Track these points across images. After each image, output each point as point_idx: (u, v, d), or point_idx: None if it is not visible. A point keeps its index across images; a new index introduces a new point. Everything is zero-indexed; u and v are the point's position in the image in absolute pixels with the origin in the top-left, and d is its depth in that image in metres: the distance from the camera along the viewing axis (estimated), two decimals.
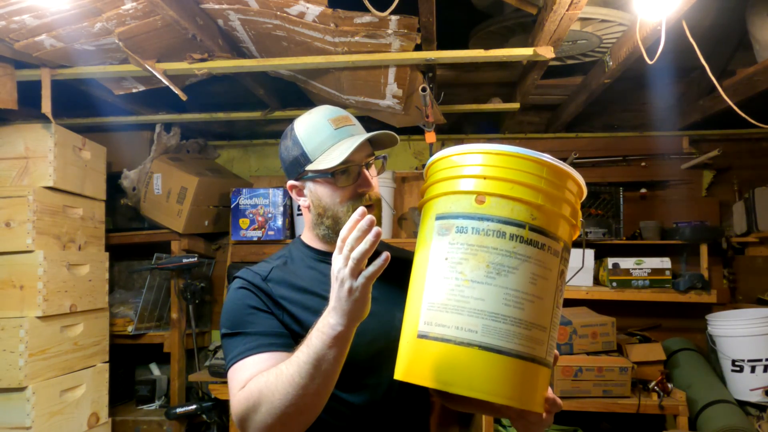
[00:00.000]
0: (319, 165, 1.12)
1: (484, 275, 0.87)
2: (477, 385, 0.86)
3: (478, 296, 0.87)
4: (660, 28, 1.75)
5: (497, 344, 0.86)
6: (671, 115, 3.07)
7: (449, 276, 0.89)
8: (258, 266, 1.17)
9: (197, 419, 2.94)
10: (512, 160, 0.92)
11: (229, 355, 1.06)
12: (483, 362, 0.86)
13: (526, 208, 0.91)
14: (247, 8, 1.87)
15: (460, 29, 2.46)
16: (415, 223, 3.09)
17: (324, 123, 1.15)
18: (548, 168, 0.93)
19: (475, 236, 0.89)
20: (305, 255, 1.21)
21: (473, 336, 0.86)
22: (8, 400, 2.15)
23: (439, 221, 0.94)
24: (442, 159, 0.99)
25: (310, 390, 0.90)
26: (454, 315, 0.87)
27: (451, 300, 0.88)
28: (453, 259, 0.89)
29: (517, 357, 0.87)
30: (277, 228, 2.94)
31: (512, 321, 0.87)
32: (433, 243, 0.93)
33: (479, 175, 0.93)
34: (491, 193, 0.91)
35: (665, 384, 2.47)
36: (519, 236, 0.89)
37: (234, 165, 3.55)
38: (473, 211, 0.91)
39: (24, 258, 2.24)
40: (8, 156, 2.34)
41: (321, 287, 1.12)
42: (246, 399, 0.96)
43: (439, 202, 0.96)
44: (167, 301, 3.18)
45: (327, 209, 1.15)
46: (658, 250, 2.96)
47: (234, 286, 1.13)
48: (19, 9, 1.77)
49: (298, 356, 0.91)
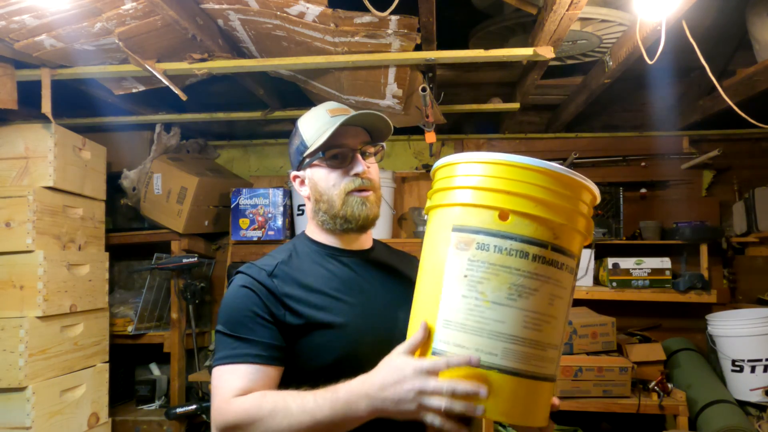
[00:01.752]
0: (312, 148, 1.17)
1: (505, 297, 0.85)
2: (494, 407, 0.85)
3: (499, 318, 0.85)
4: (660, 28, 1.75)
5: (516, 367, 0.85)
6: (671, 115, 3.07)
7: (468, 295, 0.86)
8: (263, 261, 1.16)
9: (197, 419, 2.94)
10: (537, 176, 0.88)
11: (220, 352, 1.06)
12: (502, 385, 0.85)
13: (550, 227, 0.88)
14: (247, 8, 1.87)
15: (460, 29, 2.45)
16: (416, 224, 3.09)
17: (322, 112, 1.20)
18: (571, 184, 0.91)
19: (497, 255, 0.86)
20: (311, 250, 1.21)
21: (493, 359, 0.84)
22: (8, 400, 2.15)
23: (456, 233, 0.89)
24: (460, 164, 0.94)
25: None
26: (474, 336, 0.85)
27: (469, 320, 0.85)
28: (473, 278, 0.86)
29: (532, 378, 0.87)
30: (277, 228, 2.94)
31: (530, 343, 0.86)
32: (449, 257, 0.89)
33: (502, 189, 0.88)
34: (515, 210, 0.87)
35: (665, 384, 2.47)
36: (541, 257, 0.87)
37: (234, 165, 3.55)
38: (496, 228, 0.87)
39: (24, 258, 2.24)
40: (8, 156, 2.34)
41: (327, 285, 1.13)
42: (245, 413, 0.95)
43: (456, 212, 0.91)
44: (167, 301, 3.18)
45: (322, 193, 1.18)
46: (658, 250, 2.96)
47: (237, 282, 1.11)
48: (19, 9, 1.77)
49: (314, 411, 0.91)
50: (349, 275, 1.17)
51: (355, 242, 1.23)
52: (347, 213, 1.15)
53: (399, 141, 3.40)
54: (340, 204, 1.16)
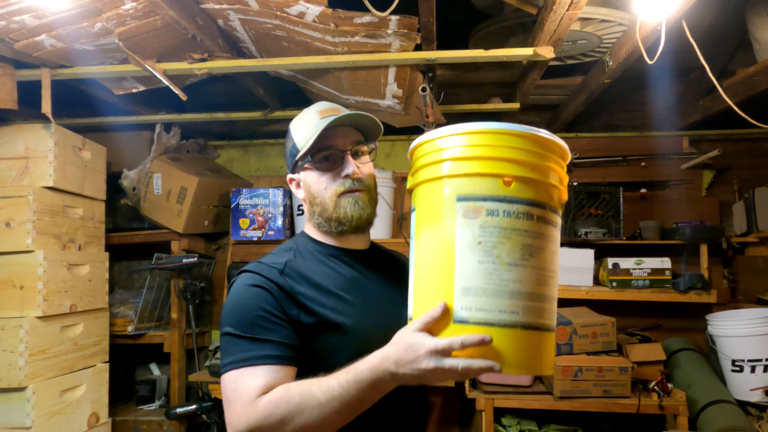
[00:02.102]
0: (302, 151, 1.17)
1: (519, 258, 0.90)
2: (523, 362, 0.90)
3: (516, 279, 0.90)
4: (660, 28, 1.75)
5: (536, 322, 0.91)
6: (671, 115, 3.07)
7: (485, 260, 0.89)
8: (270, 259, 1.14)
9: (197, 419, 2.94)
10: (530, 143, 0.94)
11: (233, 355, 1.02)
12: (526, 340, 0.90)
13: (546, 189, 0.95)
14: (247, 8, 1.87)
15: (460, 29, 2.45)
16: None
17: (312, 113, 1.20)
18: (555, 147, 0.97)
19: (507, 219, 0.90)
20: (314, 249, 1.20)
21: (516, 317, 0.89)
22: (8, 400, 2.15)
23: (462, 203, 0.92)
24: (453, 136, 0.96)
25: (338, 422, 0.94)
26: (495, 298, 0.89)
27: (490, 284, 0.89)
28: (487, 243, 0.90)
29: (546, 330, 0.94)
30: (277, 228, 2.94)
31: (542, 298, 0.93)
32: (458, 226, 0.91)
33: (504, 157, 0.92)
34: (517, 176, 0.92)
35: (665, 384, 2.47)
36: (542, 217, 0.93)
37: (234, 165, 3.56)
38: (503, 194, 0.91)
39: (24, 258, 2.24)
40: (8, 156, 2.34)
41: (335, 284, 1.13)
42: (274, 409, 0.93)
43: (458, 182, 0.93)
44: (167, 301, 3.18)
45: (315, 196, 1.18)
46: (658, 250, 2.96)
47: (246, 281, 1.08)
48: (19, 9, 1.77)
49: (342, 394, 0.92)
50: (354, 275, 1.17)
51: (355, 243, 1.23)
52: (340, 215, 1.15)
53: (399, 141, 3.40)
54: (333, 206, 1.15)
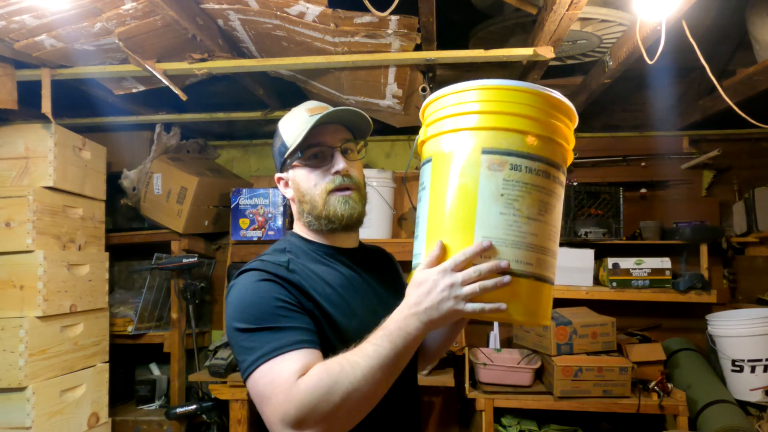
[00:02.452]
0: (291, 148, 1.16)
1: (537, 213, 0.95)
2: (530, 311, 0.95)
3: (533, 232, 0.94)
4: (660, 28, 1.75)
5: (545, 274, 0.97)
6: (671, 115, 3.07)
7: (506, 212, 0.93)
8: (270, 257, 1.12)
9: (197, 419, 2.94)
10: (551, 103, 0.98)
11: (259, 351, 0.96)
12: (537, 291, 0.96)
13: (560, 150, 1.00)
14: (247, 8, 1.87)
15: (460, 29, 2.45)
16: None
17: (301, 111, 1.19)
18: (568, 111, 1.02)
19: (528, 175, 0.94)
20: (307, 248, 1.18)
21: (530, 268, 0.94)
22: (8, 400, 2.15)
23: (487, 155, 0.94)
24: (479, 89, 0.97)
25: (383, 381, 0.92)
26: (514, 249, 0.93)
27: (510, 235, 0.93)
28: (510, 196, 0.93)
29: (550, 283, 0.99)
30: (277, 228, 2.94)
31: (552, 253, 0.99)
32: (482, 177, 0.94)
33: (529, 115, 0.96)
34: (541, 134, 0.96)
35: (665, 384, 2.47)
36: (556, 177, 0.99)
37: (234, 165, 3.56)
38: (527, 150, 0.95)
39: (24, 258, 2.24)
40: (8, 156, 2.34)
41: (337, 282, 1.13)
42: (317, 383, 0.89)
43: (485, 135, 0.96)
44: (167, 301, 3.18)
45: (305, 194, 1.16)
46: (658, 250, 2.96)
47: (254, 278, 1.04)
48: (19, 9, 1.77)
49: (378, 350, 0.91)
50: (350, 274, 1.17)
51: (346, 241, 1.22)
52: (330, 212, 1.14)
53: (399, 141, 3.40)
54: (322, 204, 1.14)
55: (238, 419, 2.63)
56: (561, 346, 2.53)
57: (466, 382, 2.62)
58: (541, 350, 2.64)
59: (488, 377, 2.60)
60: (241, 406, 2.63)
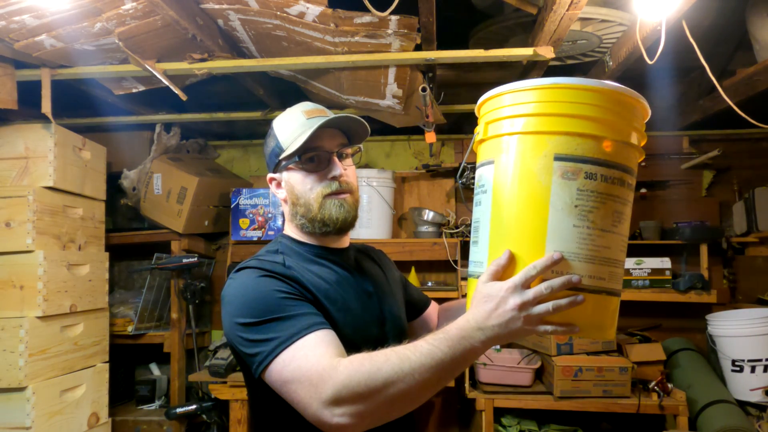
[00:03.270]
0: (288, 151, 1.15)
1: (610, 224, 0.89)
2: (600, 325, 0.91)
3: (606, 245, 0.89)
4: (660, 28, 1.75)
5: (616, 288, 0.92)
6: (671, 115, 3.07)
7: (580, 225, 0.87)
8: (266, 256, 1.13)
9: (197, 419, 2.94)
10: (627, 105, 0.92)
11: (273, 341, 0.95)
12: (606, 306, 0.91)
13: (634, 154, 0.94)
14: (247, 8, 1.87)
15: (460, 29, 2.45)
16: (416, 224, 3.09)
17: (298, 114, 1.19)
18: (642, 110, 0.95)
19: (603, 184, 0.89)
20: (300, 250, 1.18)
21: (603, 283, 0.89)
22: (8, 400, 2.15)
23: (561, 162, 0.88)
24: (553, 88, 0.90)
25: (431, 383, 0.89)
26: (587, 264, 0.88)
27: (583, 249, 0.88)
28: (584, 207, 0.88)
29: (619, 296, 0.94)
30: (277, 228, 2.94)
31: (621, 265, 0.94)
32: (554, 186, 0.88)
33: (605, 119, 0.89)
34: (617, 139, 0.90)
35: (665, 384, 2.47)
36: (629, 183, 0.93)
37: (234, 165, 3.56)
38: (603, 157, 0.89)
39: (24, 258, 2.24)
40: (8, 156, 2.34)
41: (331, 279, 1.13)
42: (359, 366, 0.87)
43: (558, 140, 0.89)
44: (167, 301, 3.18)
45: (299, 197, 1.16)
46: (658, 250, 2.96)
47: (253, 274, 1.04)
48: (19, 9, 1.77)
49: (433, 350, 0.87)
50: (343, 273, 1.17)
51: (337, 242, 1.23)
52: (325, 216, 1.14)
53: (399, 141, 3.40)
54: (317, 207, 1.14)
55: (238, 419, 2.63)
56: (561, 346, 2.53)
57: (466, 382, 2.62)
58: (541, 350, 2.64)
59: (488, 377, 2.60)
60: (241, 406, 2.63)
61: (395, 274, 1.38)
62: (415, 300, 1.42)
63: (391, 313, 1.22)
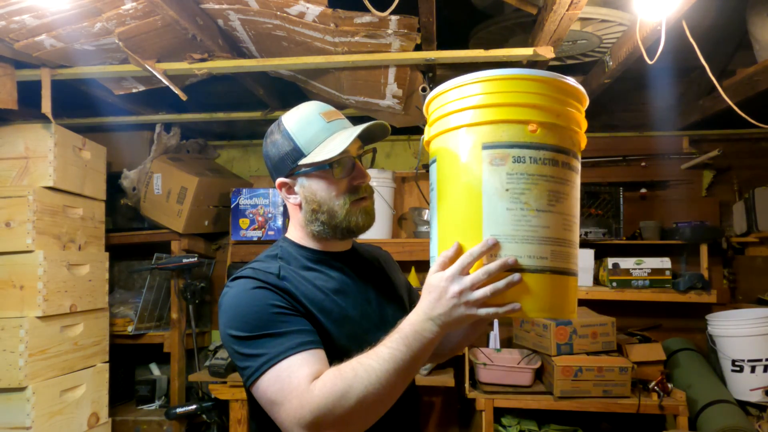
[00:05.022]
0: (315, 158, 1.09)
1: (546, 204, 0.91)
2: (550, 305, 0.92)
3: (544, 224, 0.90)
4: (660, 28, 1.75)
5: (564, 266, 0.93)
6: (671, 115, 3.07)
7: (513, 207, 0.90)
8: (261, 265, 1.10)
9: (197, 419, 2.94)
10: (552, 88, 0.94)
11: (261, 357, 0.96)
12: (554, 285, 0.92)
13: (569, 135, 0.96)
14: (247, 8, 1.87)
15: (460, 29, 2.45)
16: (416, 224, 3.09)
17: (316, 116, 1.13)
18: (574, 92, 0.97)
19: (534, 166, 0.91)
20: (300, 255, 1.16)
21: (545, 263, 0.90)
22: (8, 400, 2.15)
23: (489, 150, 0.91)
24: (474, 83, 0.94)
25: (398, 384, 0.92)
26: (525, 245, 0.89)
27: (519, 230, 0.89)
28: (515, 190, 0.90)
29: (572, 275, 0.95)
30: (277, 228, 2.94)
31: (568, 243, 0.94)
32: (484, 174, 0.91)
33: (528, 103, 0.92)
34: (543, 122, 0.92)
35: (665, 384, 2.47)
36: (566, 163, 0.94)
37: (234, 165, 3.56)
38: (529, 140, 0.91)
39: (24, 258, 2.24)
40: (8, 156, 2.34)
41: (329, 287, 1.12)
42: (332, 388, 0.90)
43: (483, 130, 0.92)
44: (167, 301, 3.18)
45: (322, 204, 1.12)
46: (658, 250, 2.96)
47: (246, 286, 1.04)
48: (19, 9, 1.77)
49: (393, 353, 0.91)
50: (343, 279, 1.16)
51: (341, 246, 1.21)
52: (351, 224, 1.11)
53: (399, 141, 3.40)
54: (344, 215, 1.11)
55: (238, 419, 2.63)
56: (561, 346, 2.53)
57: (466, 382, 2.62)
58: (541, 350, 2.64)
59: (488, 377, 2.60)
60: (241, 406, 2.63)
61: (400, 278, 1.37)
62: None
63: (394, 317, 1.19)
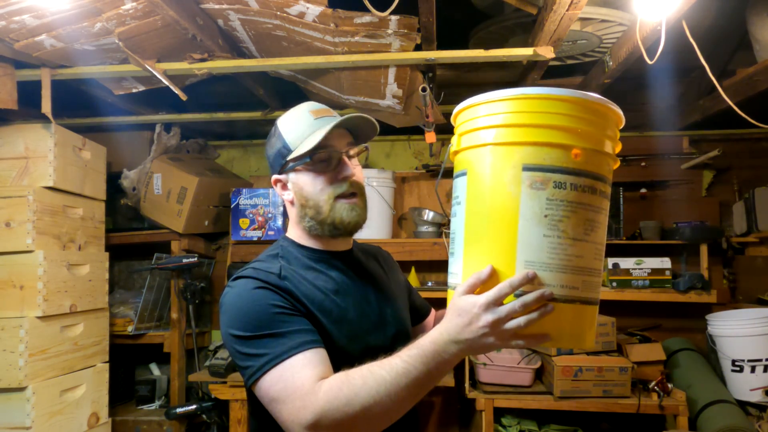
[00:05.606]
0: (297, 152, 1.12)
1: (582, 233, 0.89)
2: (576, 335, 0.91)
3: (578, 254, 0.88)
4: (660, 28, 1.75)
5: (591, 296, 0.92)
6: (671, 115, 3.07)
7: (550, 234, 0.87)
8: (262, 265, 1.11)
9: (197, 419, 2.94)
10: (598, 113, 0.91)
11: (263, 357, 0.96)
12: (581, 315, 0.90)
13: (607, 161, 0.94)
14: (247, 8, 1.87)
15: (460, 29, 2.45)
16: (416, 224, 3.09)
17: (304, 114, 1.16)
18: (615, 118, 0.94)
19: (573, 193, 0.88)
20: (300, 254, 1.16)
21: (576, 293, 0.89)
22: (8, 400, 2.15)
23: (529, 172, 0.88)
24: (521, 99, 0.91)
25: (408, 399, 0.92)
26: (559, 273, 0.87)
27: (554, 259, 0.87)
28: (554, 217, 0.87)
29: (596, 304, 0.94)
30: (277, 228, 2.94)
31: (597, 273, 0.93)
32: (523, 197, 0.88)
33: (573, 127, 0.89)
34: (586, 147, 0.89)
35: (665, 384, 2.47)
36: (602, 191, 0.92)
37: (234, 165, 3.56)
38: (572, 166, 0.88)
39: (24, 258, 2.24)
40: (8, 156, 2.34)
41: (329, 288, 1.12)
42: (338, 392, 0.89)
43: (526, 151, 0.89)
44: (167, 301, 3.18)
45: (309, 198, 1.13)
46: (658, 250, 2.96)
47: (248, 286, 1.04)
48: (19, 9, 1.77)
49: (408, 369, 0.89)
50: (343, 279, 1.16)
51: (341, 245, 1.21)
52: (336, 219, 1.12)
53: (399, 141, 3.40)
54: (328, 210, 1.12)
55: (238, 419, 2.63)
56: None
57: (466, 382, 2.62)
58: (541, 350, 2.64)
59: (488, 377, 2.60)
60: (241, 406, 2.63)
61: (400, 278, 1.37)
62: (417, 306, 1.41)
63: (394, 317, 1.20)
